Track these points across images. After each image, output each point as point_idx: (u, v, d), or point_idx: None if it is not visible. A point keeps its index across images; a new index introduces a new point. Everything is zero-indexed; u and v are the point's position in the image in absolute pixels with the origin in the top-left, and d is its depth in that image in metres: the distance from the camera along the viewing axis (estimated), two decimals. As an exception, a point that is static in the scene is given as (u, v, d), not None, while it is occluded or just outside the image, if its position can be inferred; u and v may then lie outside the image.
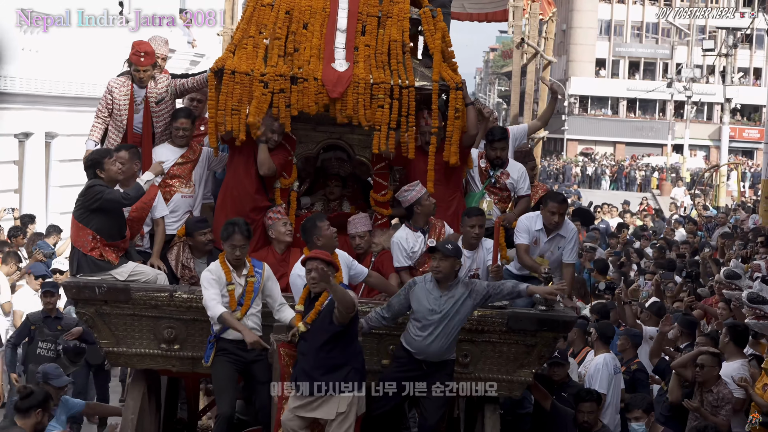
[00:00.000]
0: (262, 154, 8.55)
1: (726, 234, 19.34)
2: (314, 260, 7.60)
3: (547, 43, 32.76)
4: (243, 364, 7.92)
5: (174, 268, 8.59)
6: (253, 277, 7.89)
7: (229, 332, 7.83)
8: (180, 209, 8.88)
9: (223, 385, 7.91)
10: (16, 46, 17.87)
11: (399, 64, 8.67)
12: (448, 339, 7.82)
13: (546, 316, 8.17)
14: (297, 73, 8.52)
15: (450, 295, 7.81)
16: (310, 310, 7.63)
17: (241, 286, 7.85)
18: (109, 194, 7.97)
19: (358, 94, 8.53)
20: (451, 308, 7.80)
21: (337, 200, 9.36)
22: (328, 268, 7.56)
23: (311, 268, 7.59)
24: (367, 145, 8.69)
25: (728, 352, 9.38)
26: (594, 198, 36.35)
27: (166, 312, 8.16)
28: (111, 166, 8.15)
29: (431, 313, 7.77)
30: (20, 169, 19.64)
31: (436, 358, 7.85)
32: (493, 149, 9.15)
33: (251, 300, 7.87)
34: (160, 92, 8.93)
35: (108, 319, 8.20)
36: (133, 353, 8.27)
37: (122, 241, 8.22)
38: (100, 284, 8.07)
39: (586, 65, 68.22)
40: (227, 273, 7.85)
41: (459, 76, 8.80)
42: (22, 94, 19.00)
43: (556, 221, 8.63)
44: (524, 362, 8.29)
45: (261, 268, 7.97)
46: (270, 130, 8.56)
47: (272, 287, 8.00)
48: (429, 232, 8.59)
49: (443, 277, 7.81)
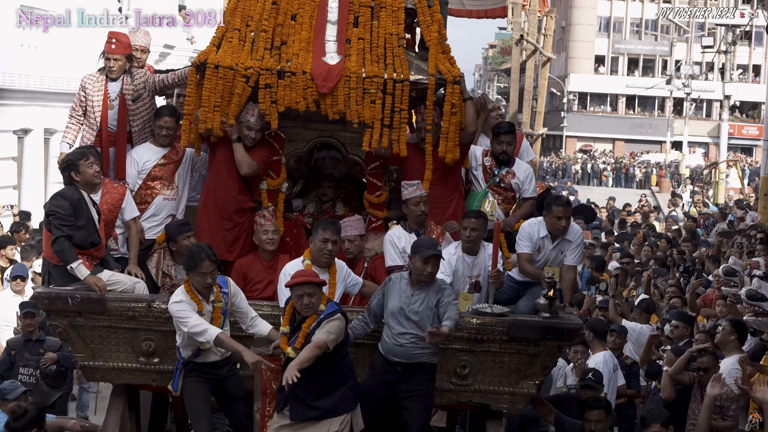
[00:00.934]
0: (238, 153, 8.11)
1: (724, 232, 19.12)
2: (305, 285, 7.09)
3: (546, 39, 32.70)
4: (215, 382, 7.46)
5: (154, 276, 8.15)
6: (220, 301, 7.37)
7: (198, 357, 7.36)
8: (162, 212, 8.43)
9: (198, 407, 7.43)
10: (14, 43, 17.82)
11: (395, 58, 8.22)
12: (420, 340, 7.35)
13: (550, 323, 7.71)
14: (284, 66, 8.09)
15: (421, 296, 7.39)
16: (297, 332, 7.15)
17: (209, 313, 7.34)
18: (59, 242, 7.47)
19: (350, 88, 8.11)
20: (420, 308, 7.37)
21: (330, 202, 8.97)
22: (318, 292, 7.12)
23: (302, 294, 7.09)
24: (361, 143, 8.26)
25: (729, 349, 9.13)
26: (593, 195, 36.01)
27: (145, 323, 7.69)
28: (87, 169, 7.70)
29: (401, 312, 7.36)
30: (19, 166, 19.76)
31: (409, 359, 7.40)
32: (499, 143, 8.70)
33: (221, 325, 7.35)
34: (137, 88, 8.48)
35: (82, 332, 7.75)
36: (110, 367, 7.83)
37: (95, 249, 7.73)
38: (73, 295, 7.60)
39: (585, 62, 68.37)
40: (197, 302, 7.30)
41: (457, 69, 8.36)
42: (21, 91, 19.00)
43: (563, 226, 8.17)
44: (527, 373, 7.83)
45: (226, 286, 7.45)
46: (246, 127, 8.09)
47: (240, 303, 7.49)
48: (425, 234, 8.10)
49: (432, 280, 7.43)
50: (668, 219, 27.56)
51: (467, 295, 7.91)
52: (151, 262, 8.19)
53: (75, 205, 7.56)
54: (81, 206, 7.60)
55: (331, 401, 7.12)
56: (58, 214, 7.50)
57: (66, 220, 7.49)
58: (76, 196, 7.60)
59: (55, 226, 7.49)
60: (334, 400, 7.12)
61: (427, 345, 7.34)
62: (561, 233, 8.19)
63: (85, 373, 8.02)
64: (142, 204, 8.38)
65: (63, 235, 7.47)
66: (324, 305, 7.12)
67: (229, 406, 7.56)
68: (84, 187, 7.69)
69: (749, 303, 9.11)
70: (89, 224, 7.64)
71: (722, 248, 16.50)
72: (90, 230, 7.64)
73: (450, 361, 7.74)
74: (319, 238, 7.62)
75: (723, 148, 43.53)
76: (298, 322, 7.16)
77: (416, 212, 8.08)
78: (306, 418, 7.11)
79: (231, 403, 7.52)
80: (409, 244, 7.88)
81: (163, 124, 8.40)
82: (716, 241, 17.63)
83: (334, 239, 7.64)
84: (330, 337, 6.96)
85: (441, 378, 7.74)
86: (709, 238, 20.24)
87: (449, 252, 8.03)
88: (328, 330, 6.98)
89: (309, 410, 7.10)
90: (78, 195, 7.62)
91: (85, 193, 7.70)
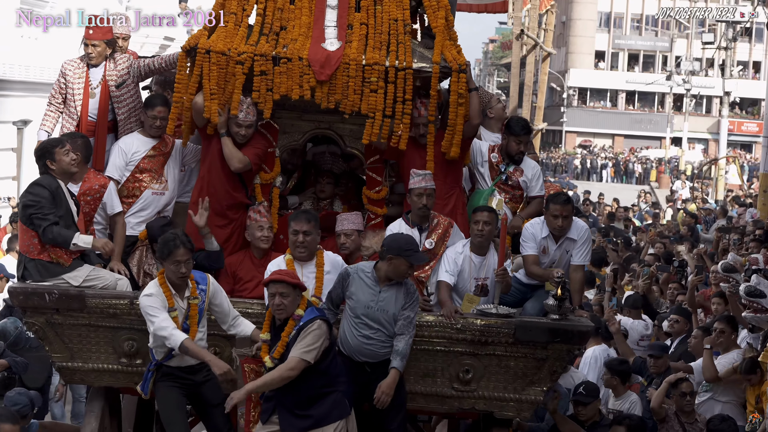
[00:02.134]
0: (227, 148, 7.66)
1: (722, 228, 19.06)
2: (278, 283, 6.66)
3: (547, 34, 32.74)
4: (190, 387, 6.99)
5: (135, 275, 7.71)
6: (196, 298, 6.90)
7: (172, 360, 6.90)
8: (150, 207, 7.97)
9: (172, 414, 6.95)
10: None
11: (399, 45, 7.78)
12: (387, 339, 6.97)
13: (559, 325, 7.27)
14: (280, 52, 7.64)
15: (389, 294, 6.98)
16: (277, 340, 6.72)
17: (183, 310, 6.88)
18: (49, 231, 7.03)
19: (349, 76, 7.66)
20: (387, 305, 6.96)
21: (328, 200, 8.51)
22: (293, 293, 6.66)
23: (274, 293, 6.66)
24: (360, 136, 7.82)
25: (726, 346, 9.17)
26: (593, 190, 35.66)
27: (127, 322, 7.25)
28: (63, 157, 7.22)
29: (367, 311, 6.95)
30: (18, 157, 19.84)
31: (376, 358, 7.01)
32: (518, 142, 8.28)
33: (197, 324, 6.90)
34: (121, 74, 8.04)
35: (60, 330, 7.32)
36: (89, 369, 7.39)
37: None
38: (51, 290, 7.16)
39: (586, 57, 68.31)
40: (169, 297, 6.83)
41: (463, 57, 7.89)
42: (20, 82, 19.00)
43: (560, 225, 7.72)
44: (534, 379, 7.40)
45: (205, 283, 6.98)
46: (235, 124, 7.65)
47: (221, 301, 7.02)
48: (429, 232, 7.66)
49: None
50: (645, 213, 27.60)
51: (473, 297, 7.48)
52: (132, 260, 7.76)
53: (54, 193, 7.12)
54: (59, 196, 7.16)
55: (322, 408, 6.71)
56: (39, 204, 7.05)
57: (48, 208, 7.05)
58: (54, 185, 7.15)
59: (39, 217, 7.05)
60: (325, 407, 6.72)
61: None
62: (560, 232, 7.76)
63: (62, 375, 7.57)
64: (130, 198, 7.93)
65: (50, 223, 7.03)
66: (303, 309, 6.70)
67: (205, 412, 7.10)
68: (60, 176, 7.24)
69: (748, 299, 8.94)
70: (67, 216, 7.19)
71: (720, 243, 16.50)
72: (68, 222, 7.19)
73: (452, 366, 7.32)
74: (291, 231, 7.27)
75: (723, 145, 43.54)
76: (277, 328, 6.74)
77: (418, 204, 7.61)
78: (298, 429, 6.69)
79: (207, 409, 7.06)
80: None
81: (157, 114, 7.94)
82: (714, 237, 17.68)
83: (305, 230, 7.22)
84: (308, 355, 6.58)
85: (442, 383, 7.36)
86: (708, 234, 20.32)
87: (456, 251, 7.61)
88: (305, 346, 6.59)
89: (299, 420, 6.70)
90: (56, 184, 7.18)
91: (62, 183, 7.25)
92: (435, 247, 7.65)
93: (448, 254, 7.60)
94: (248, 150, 7.70)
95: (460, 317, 7.27)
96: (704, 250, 15.77)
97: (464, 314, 7.30)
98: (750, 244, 14.61)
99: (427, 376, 7.35)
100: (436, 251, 7.65)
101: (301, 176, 8.72)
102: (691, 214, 24.70)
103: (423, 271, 7.61)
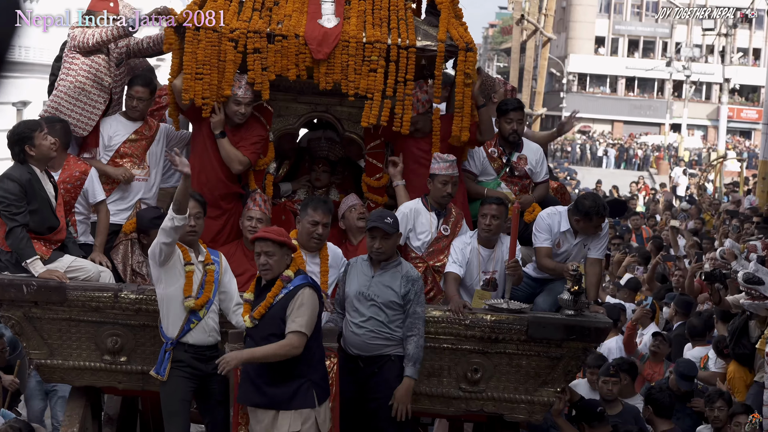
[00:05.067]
0: (224, 150, 7.20)
1: (730, 211, 19.07)
2: (263, 241, 6.11)
3: (547, 20, 32.62)
4: (200, 378, 6.47)
5: (122, 272, 7.18)
6: (212, 264, 6.47)
7: (188, 336, 6.38)
8: (130, 195, 7.47)
9: (176, 406, 6.40)
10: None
11: (400, 21, 7.26)
12: (382, 328, 6.45)
13: (575, 322, 6.74)
14: (275, 29, 7.12)
15: (382, 277, 6.49)
16: (261, 300, 6.15)
17: (200, 272, 6.41)
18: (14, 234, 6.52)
19: (348, 55, 7.16)
20: (380, 289, 6.47)
21: (324, 188, 8.02)
22: (279, 252, 6.08)
23: (260, 252, 6.11)
24: (359, 120, 7.34)
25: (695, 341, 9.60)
26: (591, 177, 35.29)
27: (110, 316, 6.72)
28: (43, 141, 6.68)
29: (360, 297, 6.50)
30: None
31: (368, 350, 6.49)
32: (508, 121, 7.77)
33: (212, 292, 6.42)
34: (121, 52, 7.58)
35: (39, 325, 6.78)
36: (70, 367, 6.84)
37: (54, 233, 6.76)
38: (29, 282, 6.62)
39: (586, 43, 67.98)
40: (185, 252, 6.38)
41: (470, 35, 7.39)
42: (20, 63, 18.95)
43: (592, 234, 7.31)
44: (547, 379, 6.88)
45: (218, 257, 6.55)
46: (234, 102, 7.17)
47: (229, 283, 6.56)
48: (446, 217, 7.23)
49: (386, 257, 6.55)
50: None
51: (483, 293, 6.98)
52: (117, 256, 7.22)
53: (25, 186, 6.59)
54: (33, 187, 6.63)
55: (283, 391, 6.06)
56: (8, 201, 6.53)
57: (18, 206, 6.53)
58: (25, 177, 6.62)
59: (6, 217, 6.54)
60: (287, 391, 6.06)
61: (390, 335, 6.47)
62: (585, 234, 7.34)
63: (41, 373, 7.03)
64: (109, 184, 7.41)
65: (18, 225, 6.52)
66: (293, 272, 6.13)
67: (207, 407, 6.58)
68: (38, 162, 6.71)
69: (746, 286, 8.73)
70: (44, 206, 6.67)
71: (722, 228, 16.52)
72: (45, 213, 6.68)
73: (460, 364, 6.82)
74: (308, 220, 6.66)
75: (722, 131, 43.27)
76: (263, 287, 6.17)
77: (442, 192, 7.16)
78: (251, 403, 6.13)
79: (211, 404, 6.55)
80: (423, 224, 7.07)
81: (134, 94, 7.44)
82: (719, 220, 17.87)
83: (324, 222, 6.68)
84: (308, 328, 6.01)
85: (449, 383, 6.85)
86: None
87: (463, 241, 7.12)
88: (303, 318, 6.00)
89: (256, 394, 6.11)
90: (27, 175, 6.64)
91: (37, 170, 6.73)
92: (450, 235, 7.21)
93: (456, 244, 7.11)
94: (247, 148, 7.23)
95: (468, 312, 6.79)
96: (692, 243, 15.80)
97: (473, 309, 6.80)
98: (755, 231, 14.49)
99: (433, 375, 6.83)
100: (451, 239, 7.20)
101: (294, 162, 8.24)
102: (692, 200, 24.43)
103: (438, 259, 7.15)
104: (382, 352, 6.50)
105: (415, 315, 6.48)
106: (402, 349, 6.50)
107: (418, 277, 6.61)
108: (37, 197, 6.62)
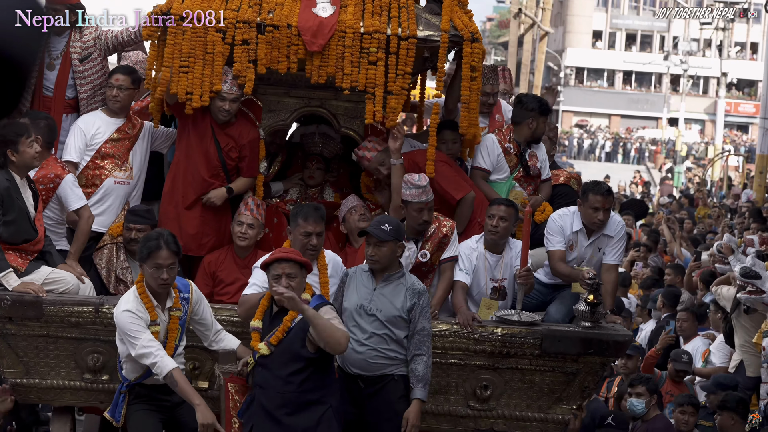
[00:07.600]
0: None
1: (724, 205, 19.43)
2: (285, 262, 5.62)
3: (545, 13, 32.56)
4: (167, 409, 6.00)
5: (105, 279, 6.76)
6: (179, 309, 5.94)
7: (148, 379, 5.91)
8: (111, 198, 7.02)
9: None
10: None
11: (401, 10, 6.82)
12: (385, 346, 5.96)
13: (593, 335, 6.32)
14: (266, 19, 6.67)
15: (385, 291, 6.00)
16: (274, 326, 5.67)
17: (164, 323, 5.91)
18: None
19: (344, 47, 6.72)
20: (383, 304, 5.97)
21: (318, 187, 7.55)
22: (300, 275, 5.63)
23: (280, 274, 5.61)
24: (356, 115, 6.98)
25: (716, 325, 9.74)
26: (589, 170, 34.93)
27: (91, 332, 6.33)
28: (27, 149, 6.24)
29: (360, 311, 6.01)
30: None
31: (370, 370, 6.00)
32: (546, 122, 7.50)
33: (176, 339, 5.93)
34: (86, 46, 7.14)
35: (14, 342, 6.39)
36: (48, 386, 6.46)
37: (31, 243, 6.30)
38: (2, 296, 6.20)
39: (583, 36, 67.98)
40: (150, 309, 5.83)
41: (475, 25, 6.94)
42: None
43: (600, 219, 6.74)
44: (562, 396, 6.47)
45: (187, 291, 6.00)
46: (218, 98, 6.75)
47: (203, 313, 6.05)
48: (423, 242, 6.66)
49: (381, 267, 6.03)
50: None
51: (490, 303, 6.51)
52: (100, 261, 6.79)
53: (2, 195, 6.13)
54: (10, 196, 6.17)
55: (308, 420, 5.59)
56: None
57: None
58: (3, 184, 6.16)
59: None
60: (312, 420, 5.60)
61: (394, 354, 5.96)
62: (598, 227, 6.78)
63: (17, 393, 6.60)
64: (89, 187, 6.97)
65: None
66: (310, 295, 5.71)
67: None
68: (19, 169, 6.26)
69: (743, 281, 8.62)
70: (21, 217, 6.22)
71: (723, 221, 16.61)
72: (22, 225, 6.22)
73: (468, 381, 6.41)
74: (300, 231, 6.15)
75: (719, 126, 43.21)
76: (276, 313, 5.69)
77: (418, 220, 6.57)
78: None
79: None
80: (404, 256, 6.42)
81: (114, 83, 7.01)
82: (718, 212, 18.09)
83: (318, 231, 6.17)
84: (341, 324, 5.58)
85: (457, 401, 6.45)
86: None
87: (469, 246, 6.65)
88: (334, 318, 5.56)
89: (275, 428, 5.60)
90: (6, 182, 6.18)
91: (17, 177, 6.26)
92: (430, 259, 6.65)
93: (462, 250, 6.63)
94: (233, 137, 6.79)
95: (477, 325, 6.30)
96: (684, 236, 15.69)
97: (482, 322, 6.31)
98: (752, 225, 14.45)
99: (439, 392, 6.40)
100: (433, 263, 6.67)
101: (286, 160, 7.77)
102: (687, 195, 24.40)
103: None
104: (385, 372, 6.02)
105: (423, 332, 5.99)
106: (405, 368, 6.02)
107: (424, 289, 6.11)
108: (14, 206, 6.17)
